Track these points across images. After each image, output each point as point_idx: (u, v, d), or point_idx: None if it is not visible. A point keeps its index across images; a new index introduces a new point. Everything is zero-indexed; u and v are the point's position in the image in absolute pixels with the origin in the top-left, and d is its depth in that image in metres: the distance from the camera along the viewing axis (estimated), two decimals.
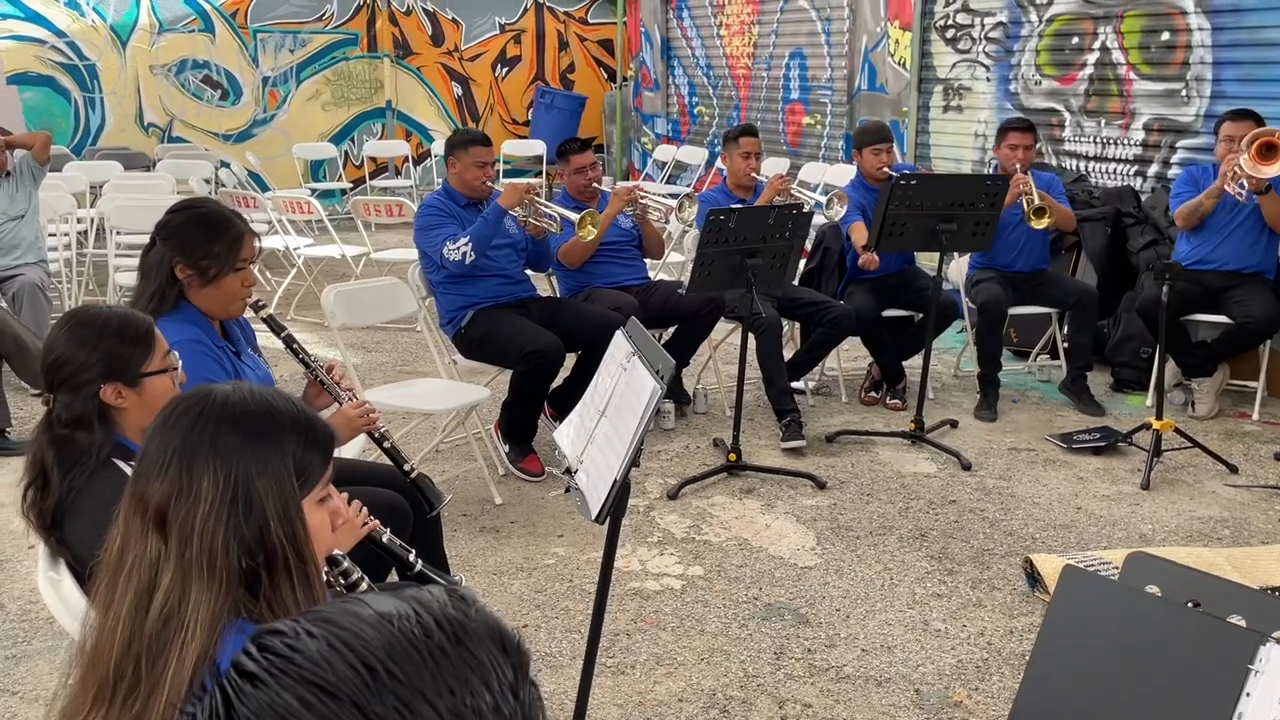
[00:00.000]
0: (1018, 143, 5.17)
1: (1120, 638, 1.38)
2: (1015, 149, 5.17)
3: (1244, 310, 4.85)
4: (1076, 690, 1.41)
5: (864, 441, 4.80)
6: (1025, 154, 5.16)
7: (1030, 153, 5.20)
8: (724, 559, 3.69)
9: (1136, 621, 1.38)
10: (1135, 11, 6.23)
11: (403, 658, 0.66)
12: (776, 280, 4.47)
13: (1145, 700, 1.33)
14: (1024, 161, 5.15)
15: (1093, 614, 1.42)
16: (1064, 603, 1.46)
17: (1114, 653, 1.38)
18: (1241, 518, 3.98)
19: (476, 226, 4.29)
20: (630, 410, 2.29)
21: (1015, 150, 5.17)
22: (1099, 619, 1.41)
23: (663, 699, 2.90)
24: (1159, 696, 1.32)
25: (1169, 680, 1.32)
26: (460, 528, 3.94)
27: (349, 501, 2.13)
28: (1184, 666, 1.30)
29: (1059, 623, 1.45)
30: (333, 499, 1.33)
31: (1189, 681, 1.29)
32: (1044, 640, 1.45)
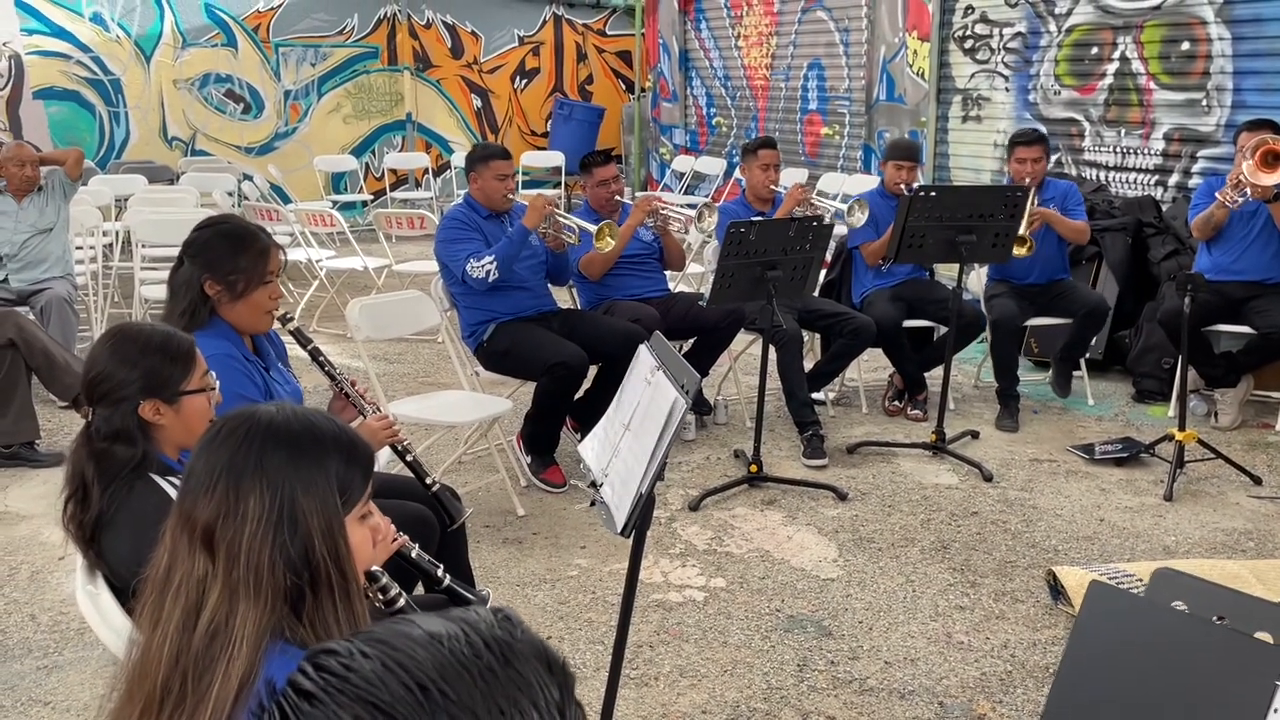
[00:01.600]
0: (1026, 156, 5.16)
1: (1147, 654, 1.39)
2: (1024, 162, 5.16)
3: (1268, 320, 4.84)
4: (1103, 706, 1.42)
5: (885, 452, 4.81)
6: (1035, 166, 5.15)
7: (1040, 165, 5.19)
8: (746, 570, 3.71)
9: (1163, 637, 1.39)
10: (1155, 21, 6.23)
11: (454, 678, 0.68)
12: (797, 292, 4.49)
13: (1173, 717, 1.34)
14: (1034, 174, 5.14)
15: (1119, 630, 1.43)
16: (1090, 618, 1.47)
17: (1140, 669, 1.39)
18: (1266, 529, 3.96)
19: (502, 246, 4.32)
20: (654, 423, 2.31)
21: (1024, 164, 5.15)
22: (1125, 635, 1.42)
23: (686, 711, 2.92)
24: (1186, 713, 1.33)
25: (1196, 697, 1.33)
26: (483, 539, 3.96)
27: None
28: (1211, 683, 1.31)
29: (1085, 638, 1.46)
30: (373, 516, 1.36)
31: (1216, 698, 1.30)
32: (1070, 655, 1.47)
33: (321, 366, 2.73)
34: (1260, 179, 4.67)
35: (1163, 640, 1.39)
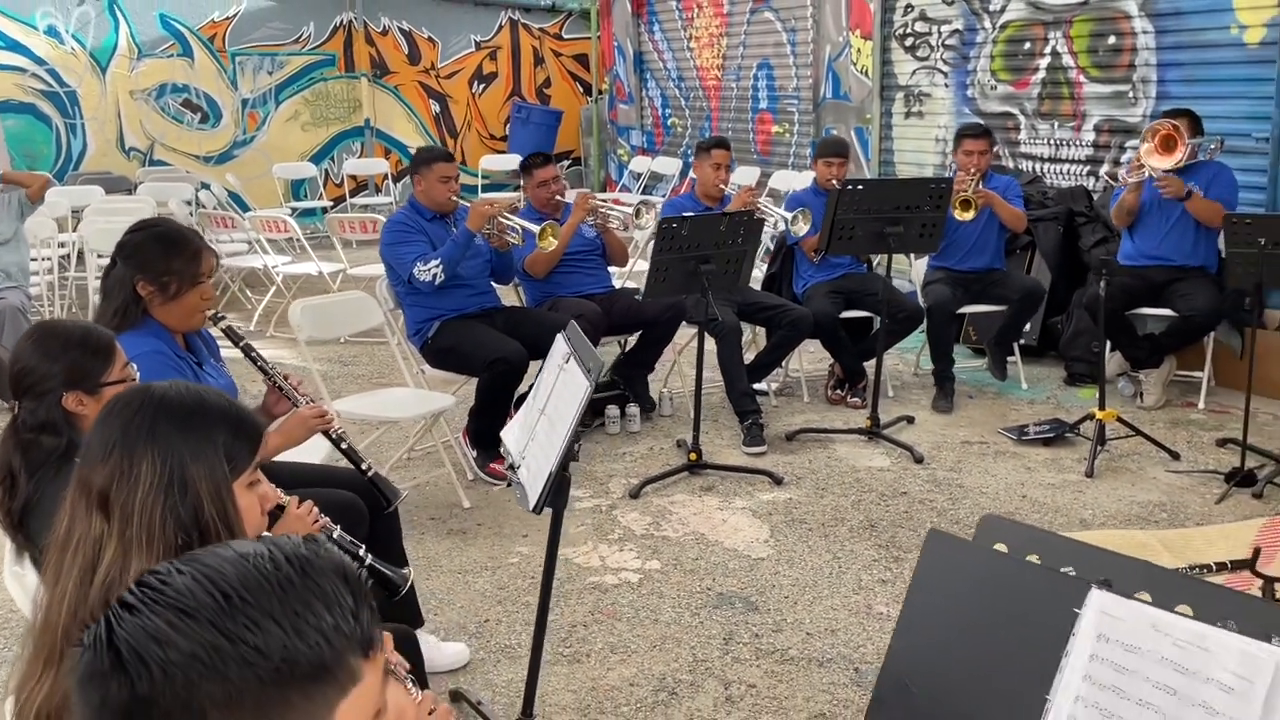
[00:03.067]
0: (973, 148, 5.35)
1: (973, 593, 1.54)
2: (971, 154, 5.35)
3: (1188, 304, 5.03)
4: (938, 643, 1.57)
5: (823, 439, 4.96)
6: (980, 159, 5.34)
7: (986, 158, 5.38)
8: (681, 553, 3.85)
9: (986, 577, 1.53)
10: (1083, 16, 6.43)
11: (255, 587, 0.81)
12: (731, 285, 4.63)
13: (994, 646, 1.49)
14: (980, 166, 5.33)
15: (951, 573, 1.58)
16: (928, 565, 1.61)
17: (967, 606, 1.54)
18: (1179, 501, 4.14)
19: (446, 249, 4.44)
20: (566, 407, 2.44)
21: (971, 156, 5.34)
22: (956, 577, 1.57)
23: (615, 684, 3.05)
24: (1005, 643, 1.48)
25: (1013, 628, 1.47)
26: (429, 530, 4.08)
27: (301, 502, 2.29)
28: (1026, 614, 1.46)
29: (923, 583, 1.61)
30: (261, 485, 1.48)
31: (1030, 628, 1.45)
32: (909, 600, 1.61)
33: (254, 362, 2.85)
34: (1155, 162, 4.86)
35: (986, 580, 1.53)
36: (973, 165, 5.27)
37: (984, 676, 1.48)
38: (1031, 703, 1.41)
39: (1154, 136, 4.89)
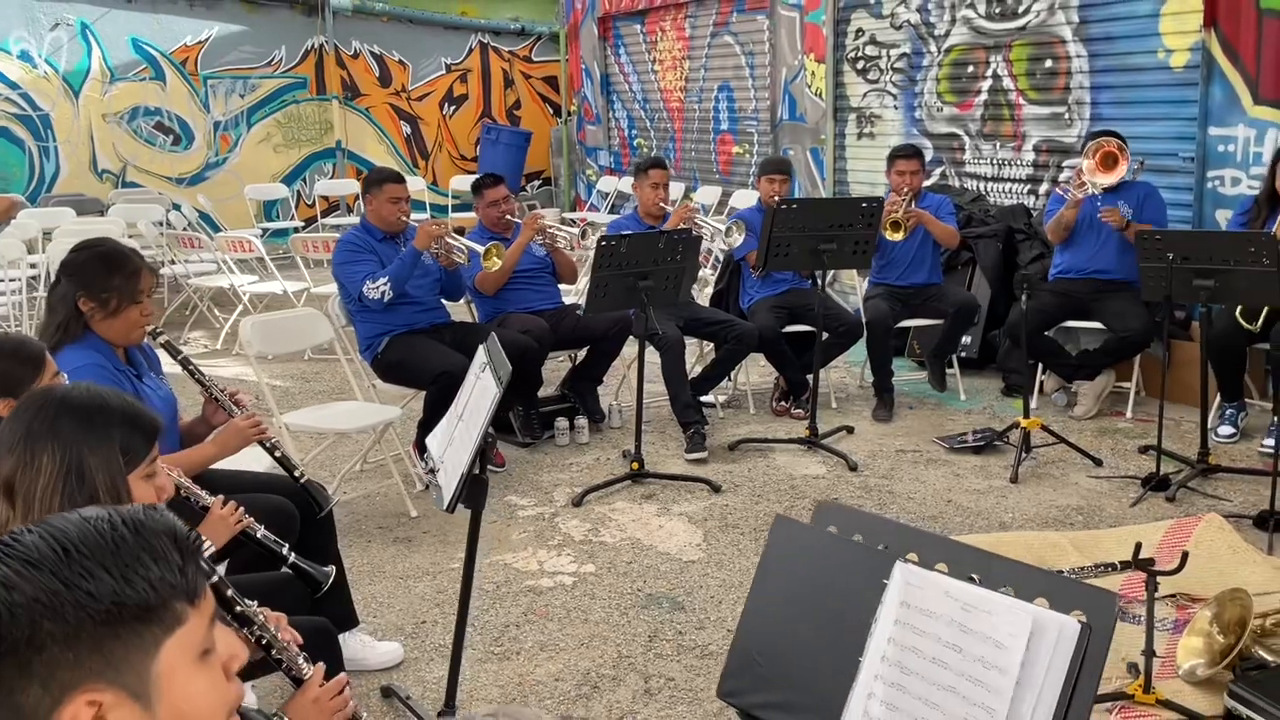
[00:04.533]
0: (905, 169, 5.57)
1: (807, 571, 1.71)
2: (903, 174, 5.56)
3: (1123, 324, 5.22)
4: (779, 618, 1.73)
5: (763, 449, 5.13)
6: (913, 179, 5.55)
7: (918, 177, 5.59)
8: (616, 557, 4.00)
9: (818, 556, 1.70)
10: (1021, 41, 6.66)
11: (92, 543, 0.97)
12: (671, 300, 4.80)
13: (822, 617, 1.66)
14: (912, 185, 5.54)
15: (791, 554, 1.75)
16: (773, 548, 1.78)
17: (802, 583, 1.71)
18: (1096, 505, 4.33)
19: (394, 268, 4.61)
20: (479, 411, 2.61)
21: (904, 175, 5.56)
22: (795, 558, 1.74)
23: (541, 679, 3.20)
24: (830, 613, 1.65)
25: (837, 599, 1.64)
26: (375, 538, 4.23)
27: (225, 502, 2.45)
28: (848, 586, 1.63)
29: (768, 565, 1.78)
30: (159, 476, 1.64)
31: (850, 597, 1.62)
32: (757, 580, 1.78)
33: (192, 375, 3.00)
34: (1098, 178, 5.09)
35: (818, 558, 1.70)
36: (905, 185, 5.48)
37: (814, 644, 1.65)
38: (849, 665, 1.58)
39: (1096, 154, 5.11)
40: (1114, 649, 3.14)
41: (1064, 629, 1.38)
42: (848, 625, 1.60)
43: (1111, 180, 5.05)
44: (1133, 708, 2.89)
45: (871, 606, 1.58)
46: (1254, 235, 4.27)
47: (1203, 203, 5.65)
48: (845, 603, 1.62)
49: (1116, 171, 5.06)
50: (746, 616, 1.78)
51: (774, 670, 1.69)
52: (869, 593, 1.58)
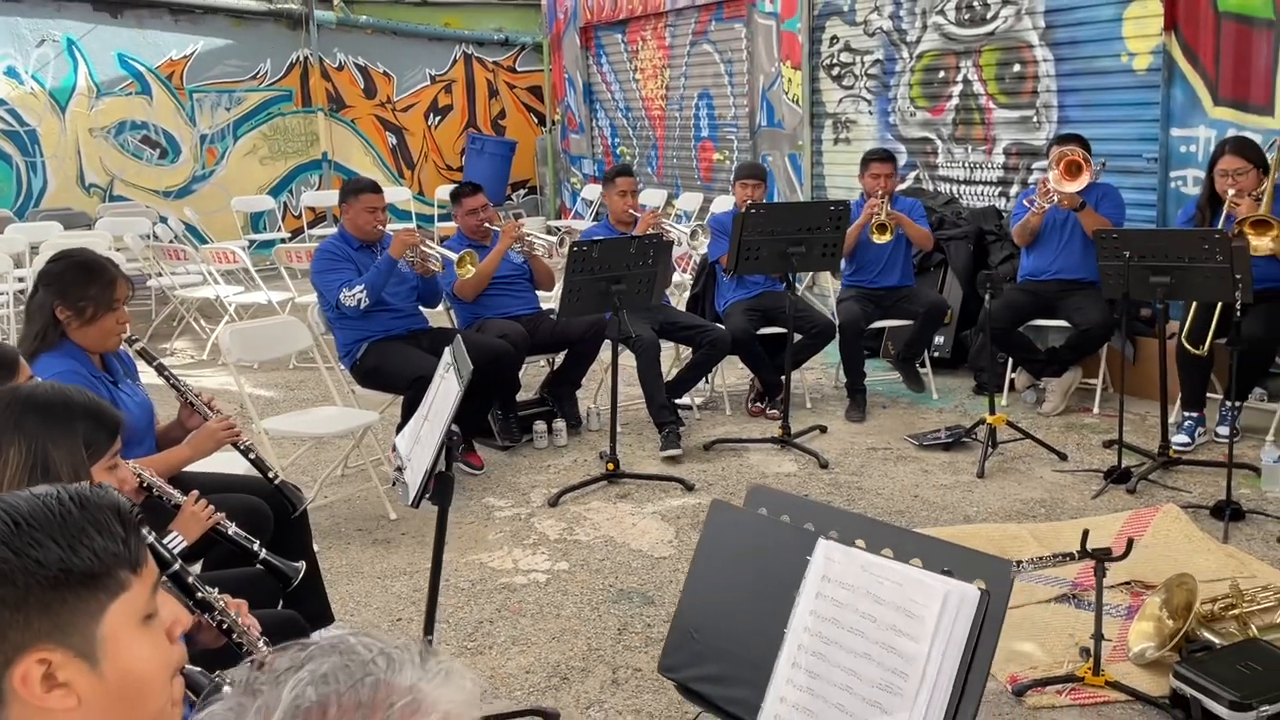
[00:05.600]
0: (879, 172, 5.68)
1: (739, 550, 1.81)
2: (877, 178, 5.67)
3: (1085, 318, 5.34)
4: (715, 595, 1.83)
5: (738, 449, 5.23)
6: (886, 182, 5.67)
7: (891, 181, 5.71)
8: (589, 555, 4.10)
9: (750, 536, 1.80)
10: (990, 46, 6.79)
11: (41, 516, 1.07)
12: (643, 303, 4.90)
13: (752, 592, 1.75)
14: (886, 189, 5.65)
15: (726, 536, 1.85)
16: (710, 531, 1.88)
17: (735, 562, 1.81)
18: (1059, 498, 4.43)
19: (370, 275, 4.71)
20: (443, 410, 2.70)
21: (877, 179, 5.67)
22: (729, 539, 1.84)
23: (512, 672, 3.29)
24: (759, 588, 1.74)
25: (765, 575, 1.74)
26: (354, 540, 4.32)
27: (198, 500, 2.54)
28: (773, 563, 1.73)
29: (706, 546, 1.87)
30: (121, 469, 1.73)
31: (775, 573, 1.72)
32: (696, 560, 1.88)
33: (167, 380, 3.09)
34: (1064, 187, 5.21)
35: (749, 538, 1.80)
36: (879, 188, 5.59)
37: (744, 619, 1.75)
38: (775, 637, 1.67)
39: (1060, 162, 5.21)
40: (1068, 634, 3.26)
41: (965, 596, 1.48)
42: (775, 600, 1.70)
43: (1076, 188, 5.16)
44: (1083, 689, 2.99)
45: (796, 581, 1.68)
46: (1208, 233, 4.38)
47: (1166, 202, 5.76)
48: (773, 579, 1.71)
49: (1080, 180, 5.17)
50: (685, 595, 1.87)
51: (709, 645, 1.79)
52: (794, 569, 1.68)
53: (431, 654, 0.76)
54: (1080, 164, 5.21)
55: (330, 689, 0.70)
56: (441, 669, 0.75)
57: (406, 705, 0.70)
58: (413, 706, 0.70)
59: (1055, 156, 5.29)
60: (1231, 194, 4.67)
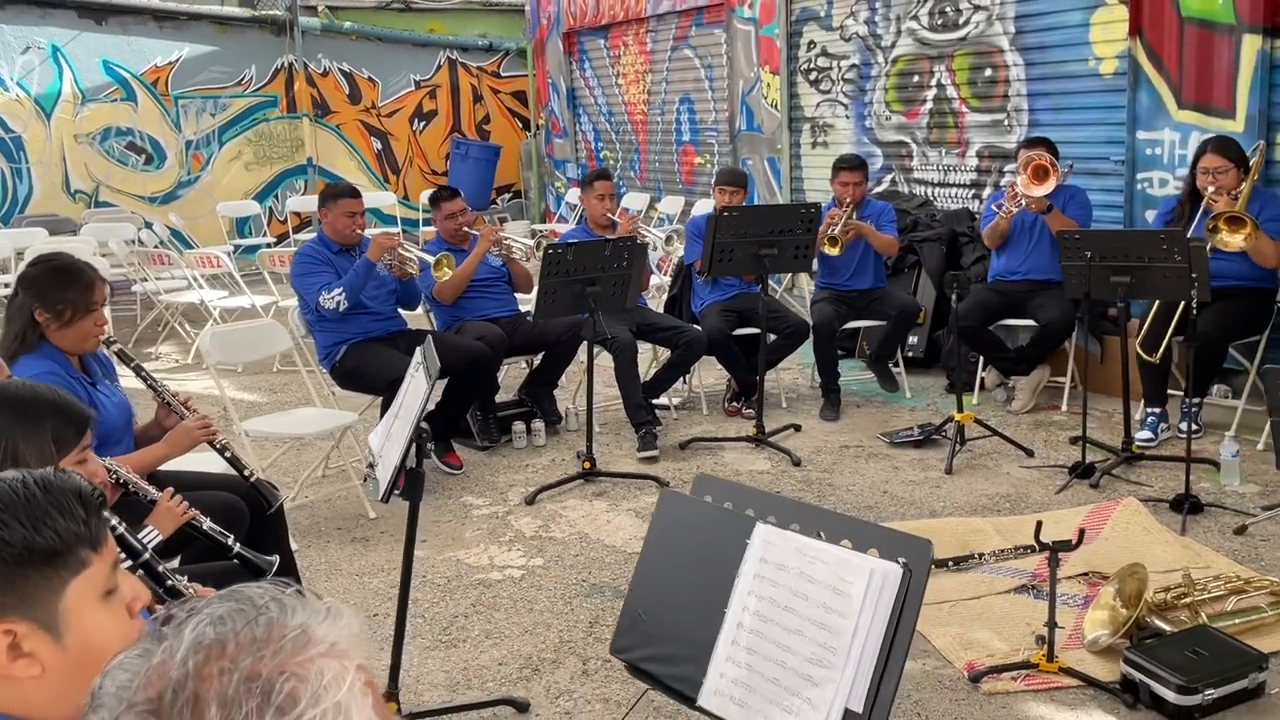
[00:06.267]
0: (849, 180, 5.78)
1: (685, 535, 1.90)
2: (847, 185, 5.77)
3: (1046, 314, 5.45)
4: (662, 578, 1.92)
5: (713, 447, 5.32)
6: (856, 190, 5.77)
7: (861, 188, 5.81)
8: (564, 551, 4.18)
9: (695, 522, 1.89)
10: (963, 51, 6.90)
11: (6, 499, 1.15)
12: (619, 304, 4.99)
13: (696, 575, 1.84)
14: (855, 196, 5.76)
15: (673, 522, 1.94)
16: (659, 518, 1.97)
17: (681, 546, 1.89)
18: (1024, 493, 4.53)
19: (349, 278, 4.79)
20: (412, 407, 2.79)
21: (847, 186, 5.77)
22: (676, 525, 1.93)
23: (485, 664, 3.37)
24: (703, 571, 1.83)
25: (708, 558, 1.83)
26: (333, 539, 4.40)
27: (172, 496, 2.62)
28: (715, 547, 1.82)
29: (655, 533, 1.96)
30: (90, 463, 1.81)
31: (717, 557, 1.81)
32: (645, 546, 1.96)
33: (145, 380, 3.17)
34: (1032, 191, 5.32)
35: (694, 524, 1.89)
36: (848, 195, 5.69)
37: (689, 600, 1.84)
38: (716, 616, 1.76)
39: (1028, 167, 5.33)
40: (1026, 623, 3.37)
41: (888, 574, 1.57)
42: (717, 581, 1.79)
43: (1043, 192, 5.27)
44: (1037, 675, 3.08)
45: (737, 564, 1.77)
46: (1166, 233, 4.49)
47: (1133, 204, 5.88)
48: (715, 562, 1.80)
49: (1048, 184, 5.28)
50: (635, 580, 1.96)
51: (656, 626, 1.87)
52: (735, 551, 1.77)
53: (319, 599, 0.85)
54: (1047, 168, 5.32)
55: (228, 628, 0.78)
56: (329, 609, 0.83)
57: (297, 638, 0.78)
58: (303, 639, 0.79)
59: (1023, 161, 5.41)
60: (1210, 191, 4.79)
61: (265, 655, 0.77)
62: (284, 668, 0.77)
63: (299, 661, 0.78)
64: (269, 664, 0.76)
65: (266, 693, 0.75)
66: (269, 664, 0.76)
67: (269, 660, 0.77)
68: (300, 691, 0.76)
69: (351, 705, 0.78)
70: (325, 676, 0.78)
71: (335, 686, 0.77)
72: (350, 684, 0.79)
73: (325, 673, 0.78)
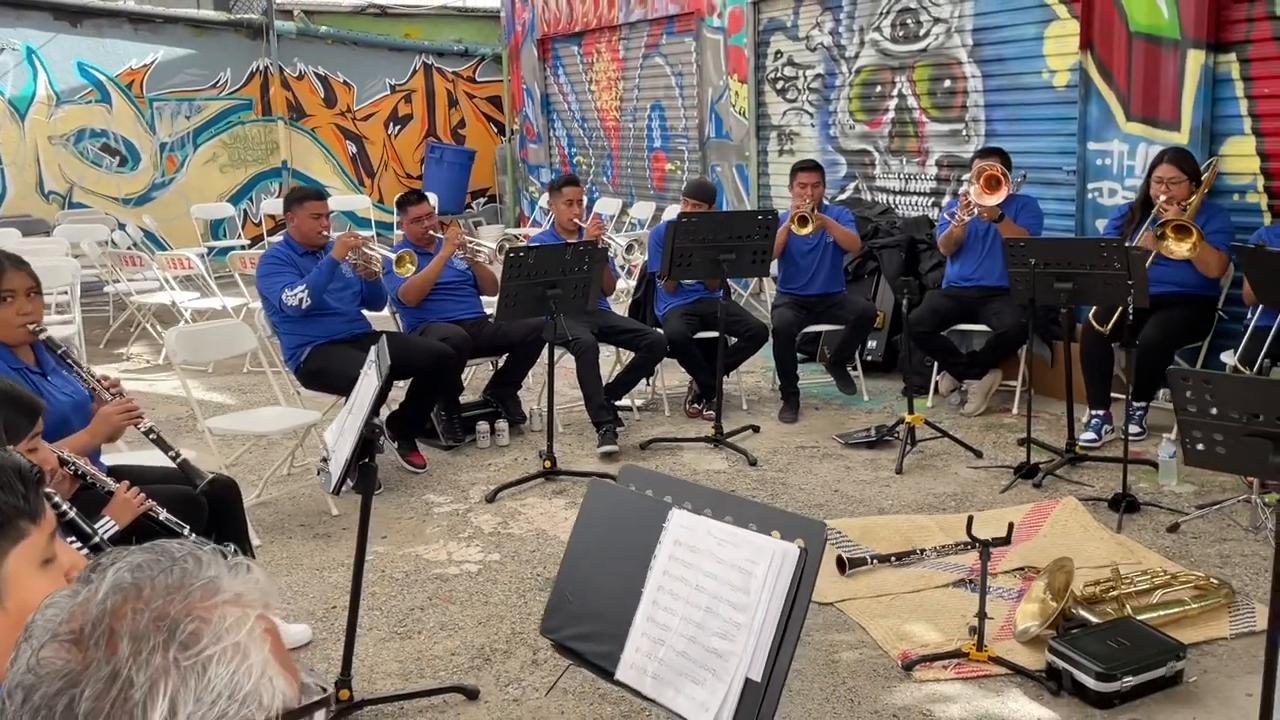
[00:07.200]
0: (806, 181, 5.93)
1: (610, 521, 2.01)
2: (805, 186, 5.92)
3: (1001, 322, 5.61)
4: (588, 562, 2.03)
5: (673, 448, 5.44)
6: (814, 190, 5.91)
7: (818, 190, 5.95)
8: (521, 546, 4.29)
9: (619, 509, 2.01)
10: (923, 62, 7.06)
11: None
12: (579, 307, 5.10)
13: (618, 558, 1.96)
14: (813, 197, 5.90)
15: (600, 509, 2.05)
16: (588, 506, 2.08)
17: (606, 532, 2.01)
18: (970, 492, 4.67)
19: (312, 276, 4.88)
20: (364, 405, 2.89)
21: (805, 188, 5.92)
22: (603, 512, 2.04)
23: (438, 654, 3.47)
24: (624, 554, 1.95)
25: (629, 543, 1.94)
26: (296, 535, 4.49)
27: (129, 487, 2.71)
28: (635, 532, 1.93)
29: (584, 520, 2.08)
30: (41, 450, 1.91)
31: (637, 541, 1.92)
32: (574, 532, 2.08)
33: (70, 367, 3.24)
34: (984, 200, 5.47)
35: (618, 511, 2.00)
36: (806, 196, 5.84)
37: (611, 581, 1.95)
38: (635, 595, 1.88)
39: (980, 177, 5.49)
40: (960, 615, 3.49)
41: (788, 554, 1.69)
42: (636, 563, 1.90)
43: (995, 201, 5.42)
44: (966, 664, 3.22)
45: (654, 546, 1.88)
46: (1106, 242, 4.65)
47: (1084, 213, 6.04)
48: (635, 545, 1.92)
49: (999, 193, 5.43)
50: (564, 563, 2.07)
51: (582, 606, 1.99)
52: (653, 535, 1.89)
53: (233, 557, 0.96)
54: (999, 178, 5.47)
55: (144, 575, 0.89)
56: (240, 565, 0.94)
57: (205, 587, 0.90)
58: (211, 588, 0.90)
59: (976, 170, 5.56)
60: (1162, 200, 4.96)
61: (175, 599, 0.88)
62: (190, 611, 0.88)
63: (205, 606, 0.89)
64: (177, 607, 0.88)
65: (172, 630, 0.86)
66: (177, 607, 0.88)
67: (178, 604, 0.88)
68: (203, 631, 0.87)
69: (250, 646, 0.89)
70: (227, 621, 0.89)
71: (235, 630, 0.89)
72: (250, 629, 0.90)
73: (227, 618, 0.89)
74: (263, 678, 0.89)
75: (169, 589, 0.89)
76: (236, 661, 0.87)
